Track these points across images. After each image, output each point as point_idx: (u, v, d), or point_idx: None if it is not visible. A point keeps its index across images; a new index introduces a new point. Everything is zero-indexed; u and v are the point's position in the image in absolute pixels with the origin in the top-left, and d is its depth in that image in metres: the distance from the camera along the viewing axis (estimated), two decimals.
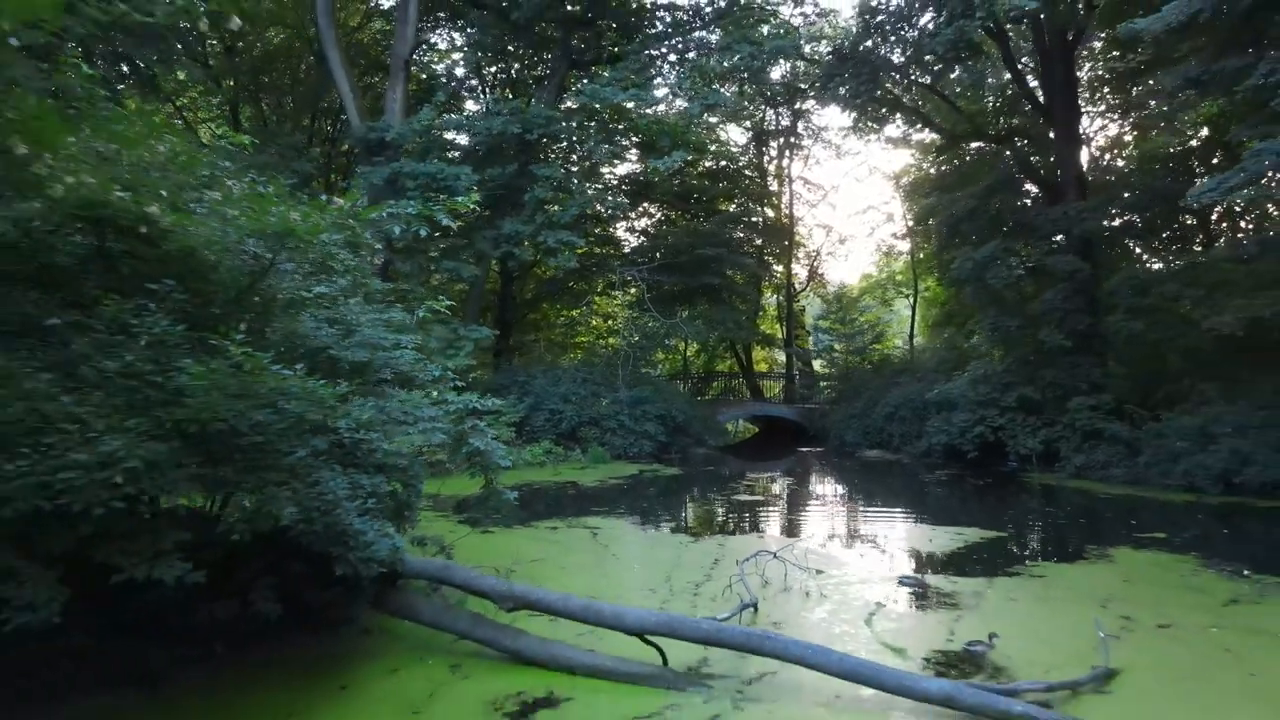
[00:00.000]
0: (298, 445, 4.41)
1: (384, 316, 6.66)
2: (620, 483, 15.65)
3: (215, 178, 4.42)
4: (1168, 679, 5.07)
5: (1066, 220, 16.30)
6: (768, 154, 34.69)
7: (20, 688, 4.24)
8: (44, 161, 3.02)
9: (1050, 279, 16.68)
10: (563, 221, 18.31)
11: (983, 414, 17.49)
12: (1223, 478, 12.95)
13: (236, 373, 3.74)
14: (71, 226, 4.13)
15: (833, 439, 23.91)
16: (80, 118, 3.53)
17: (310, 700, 4.78)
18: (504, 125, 18.03)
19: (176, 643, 4.87)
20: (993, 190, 19.44)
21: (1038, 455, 16.31)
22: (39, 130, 2.95)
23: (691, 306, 26.87)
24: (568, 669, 5.14)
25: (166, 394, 3.78)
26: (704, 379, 35.61)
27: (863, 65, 17.19)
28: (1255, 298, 12.75)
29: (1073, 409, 16.02)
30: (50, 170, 3.05)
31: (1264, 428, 12.77)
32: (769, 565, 7.71)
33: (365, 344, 5.73)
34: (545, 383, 20.27)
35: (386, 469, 5.57)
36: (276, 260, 4.63)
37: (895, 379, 23.26)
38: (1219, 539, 9.94)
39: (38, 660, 4.32)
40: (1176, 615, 6.41)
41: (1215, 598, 6.98)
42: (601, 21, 22.08)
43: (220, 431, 3.83)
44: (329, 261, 5.16)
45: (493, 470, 7.16)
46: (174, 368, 3.84)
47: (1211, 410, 13.95)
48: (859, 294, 36.40)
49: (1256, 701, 4.73)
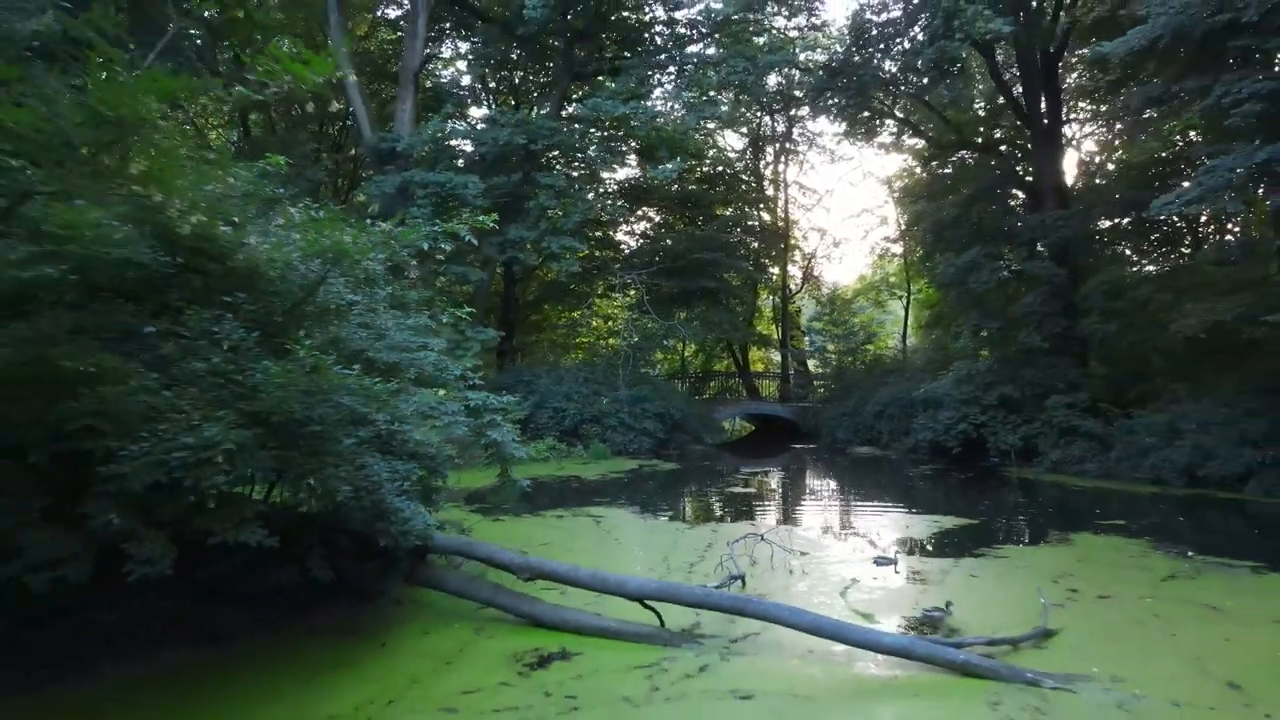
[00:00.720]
0: (348, 435, 5.14)
1: (408, 322, 7.42)
2: (621, 477, 16.38)
3: (279, 204, 5.14)
4: (1098, 638, 5.81)
5: (1044, 228, 17.07)
6: (764, 159, 35.45)
7: (119, 643, 4.98)
8: (176, 206, 3.73)
9: (1030, 283, 17.44)
10: (566, 228, 19.05)
11: (966, 412, 18.24)
12: (1186, 471, 13.70)
13: (307, 373, 4.46)
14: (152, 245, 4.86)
15: (825, 436, 24.67)
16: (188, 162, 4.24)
17: (356, 655, 5.51)
18: (510, 136, 18.76)
19: (244, 607, 5.61)
20: (976, 198, 20.20)
21: (1017, 451, 17.07)
22: (168, 178, 3.65)
23: (689, 308, 27.61)
24: (577, 630, 5.88)
25: (245, 390, 4.50)
26: (702, 378, 36.35)
27: (852, 80, 17.95)
28: (1217, 302, 13.49)
29: (1050, 407, 16.79)
30: (180, 213, 3.76)
31: (1225, 424, 13.51)
32: (757, 547, 8.44)
33: (395, 347, 6.47)
34: (549, 382, 21.01)
35: (418, 457, 6.30)
36: (329, 276, 5.35)
37: (885, 378, 24.03)
38: (1174, 526, 10.67)
39: (134, 620, 5.05)
40: (1117, 588, 7.16)
41: (1156, 574, 7.72)
42: (603, 35, 22.80)
43: (290, 421, 4.56)
44: (372, 275, 5.89)
45: (508, 460, 7.91)
46: (250, 367, 4.57)
47: (1179, 408, 14.71)
48: (853, 295, 37.24)
49: (1171, 656, 5.46)
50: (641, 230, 32.31)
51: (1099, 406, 16.33)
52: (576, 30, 22.58)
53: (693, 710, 4.58)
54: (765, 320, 37.85)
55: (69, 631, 4.96)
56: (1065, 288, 17.05)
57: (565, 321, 33.15)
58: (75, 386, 3.82)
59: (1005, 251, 18.27)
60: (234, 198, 4.91)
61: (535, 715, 4.49)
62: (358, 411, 5.16)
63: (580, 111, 19.86)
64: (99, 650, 4.99)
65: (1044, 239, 17.21)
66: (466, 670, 5.25)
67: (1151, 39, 11.51)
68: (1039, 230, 17.23)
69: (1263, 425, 12.94)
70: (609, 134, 22.27)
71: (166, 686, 4.82)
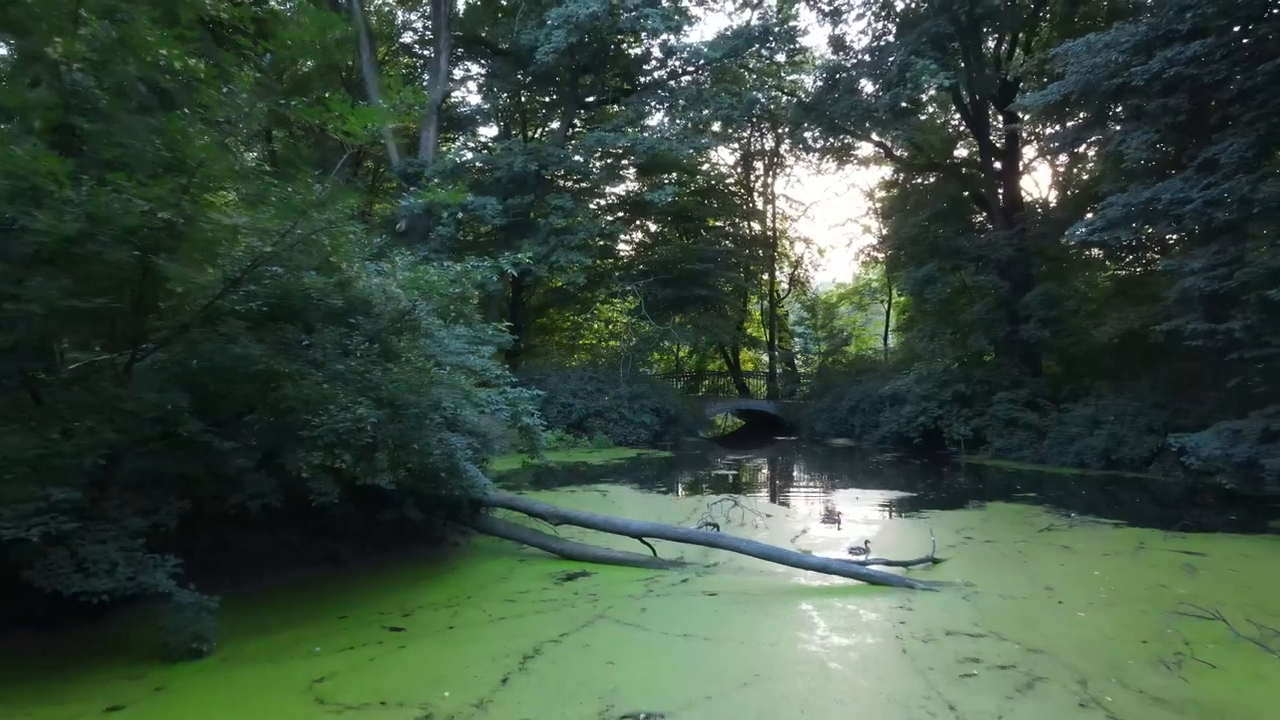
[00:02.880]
0: (434, 415, 7.17)
1: (459, 331, 9.45)
2: (622, 463, 18.42)
3: (385, 251, 7.17)
4: (970, 564, 7.85)
5: (991, 246, 19.15)
6: (754, 173, 37.51)
7: (255, 568, 6.97)
8: (345, 267, 5.73)
9: (979, 294, 19.51)
10: (572, 244, 21.08)
11: (926, 406, 20.31)
12: (1104, 455, 15.79)
13: (416, 371, 6.49)
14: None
15: (805, 429, 26.75)
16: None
17: (434, 573, 7.54)
18: (524, 164, 20.77)
19: (353, 541, 7.63)
20: (937, 216, 22.25)
21: (968, 440, 19.14)
22: (348, 252, 5.66)
23: (684, 313, 29.65)
24: (594, 559, 7.92)
25: (372, 384, 6.52)
26: (696, 377, 38.41)
27: (824, 114, 20.00)
28: (1129, 313, 15.56)
29: (996, 402, 18.86)
30: (352, 273, 5.75)
31: (1135, 416, 15.59)
32: (732, 510, 10.48)
33: (453, 351, 8.50)
34: (557, 380, 23.03)
35: (474, 434, 8.34)
36: (418, 305, 7.37)
37: (859, 377, 26.10)
38: (1074, 497, 12.72)
39: (283, 547, 7.07)
40: (1001, 536, 9.22)
41: (1037, 527, 9.79)
42: (605, 68, 24.82)
43: (403, 405, 6.58)
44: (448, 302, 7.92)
45: (536, 440, 9.95)
46: (372, 369, 6.59)
47: (1101, 403, 16.79)
48: (837, 300, 39.35)
49: (1016, 573, 7.48)
50: (639, 240, 34.35)
51: (1037, 401, 18.41)
52: (582, 65, 24.60)
53: (674, 602, 6.61)
54: (755, 323, 39.93)
55: (241, 554, 6.97)
56: (1009, 298, 19.13)
57: (569, 325, 35.22)
58: (277, 380, 5.85)
59: (961, 265, 20.34)
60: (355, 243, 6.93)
61: (569, 604, 6.52)
62: (442, 400, 7.21)
63: (586, 142, 21.87)
64: (262, 566, 7.00)
65: (991, 255, 19.29)
66: (517, 581, 7.29)
67: (1064, 94, 13.57)
68: (987, 248, 19.32)
69: (1165, 416, 15.01)
70: (610, 160, 24.31)
71: (306, 592, 6.83)
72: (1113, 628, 5.71)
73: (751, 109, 22.89)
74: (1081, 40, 12.94)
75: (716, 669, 4.92)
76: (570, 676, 4.79)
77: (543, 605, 6.49)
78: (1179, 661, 4.97)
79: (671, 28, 20.36)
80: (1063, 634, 5.57)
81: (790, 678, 4.77)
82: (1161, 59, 11.12)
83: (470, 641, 5.52)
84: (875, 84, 18.60)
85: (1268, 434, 10.98)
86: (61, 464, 4.43)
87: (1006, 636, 5.52)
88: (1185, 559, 7.87)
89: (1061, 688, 4.58)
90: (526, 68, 23.92)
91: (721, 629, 5.74)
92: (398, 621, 5.99)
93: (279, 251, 5.23)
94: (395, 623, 5.95)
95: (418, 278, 6.86)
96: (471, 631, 5.77)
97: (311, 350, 6.52)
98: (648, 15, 19.11)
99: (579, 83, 25.12)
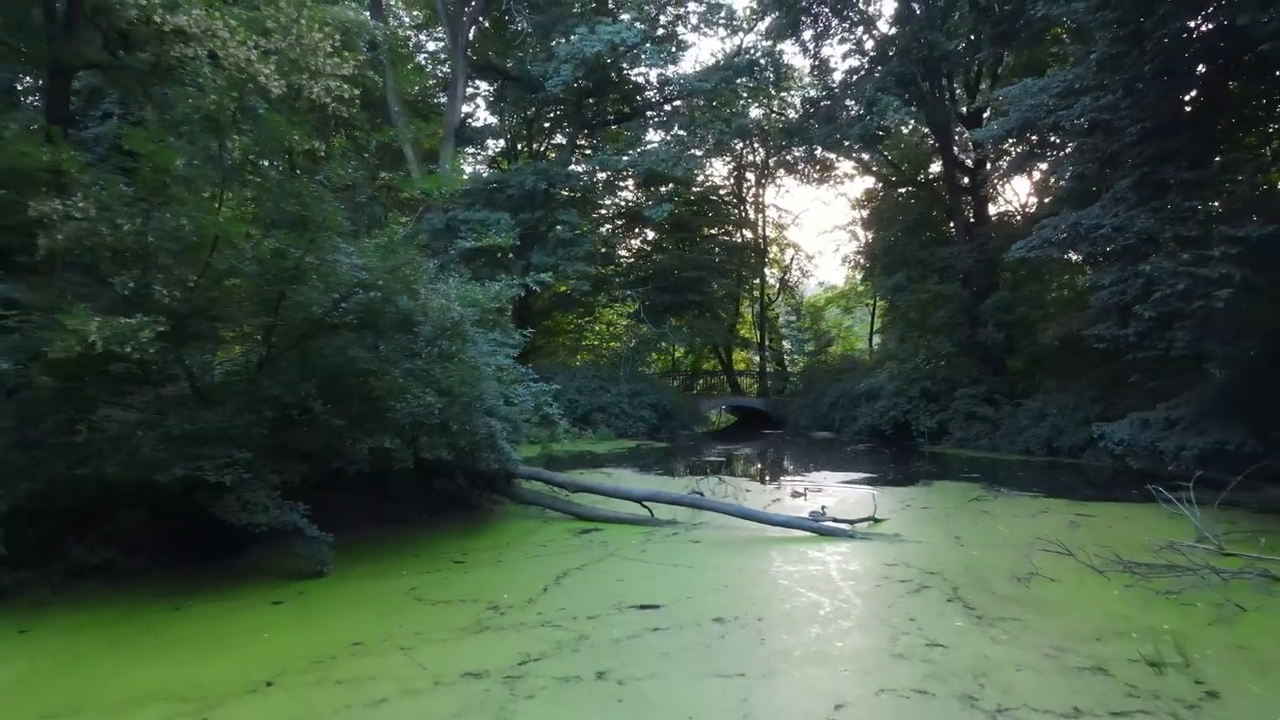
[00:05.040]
0: (479, 403, 8.95)
1: (490, 335, 11.21)
2: (623, 452, 20.20)
3: (443, 274, 8.94)
4: (904, 523, 9.62)
5: (953, 257, 20.96)
6: (746, 184, 39.31)
7: (342, 522, 8.72)
8: (419, 289, 7.50)
9: (943, 301, 21.32)
10: (578, 255, 22.86)
11: (896, 402, 22.11)
12: (1047, 444, 17.59)
13: (468, 369, 8.26)
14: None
15: (791, 424, 28.55)
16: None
17: (477, 530, 9.31)
18: (534, 183, 22.55)
19: (413, 504, 9.40)
20: (911, 228, 24.08)
21: (933, 432, 20.93)
22: (422, 281, 7.43)
23: (680, 317, 31.47)
24: (603, 519, 9.69)
25: (434, 378, 8.29)
26: (691, 376, 40.23)
27: (805, 139, 21.80)
28: (1070, 319, 17.35)
29: (958, 398, 20.66)
30: (422, 297, 7.53)
31: (1074, 409, 17.39)
32: (717, 486, 12.25)
33: (485, 352, 10.27)
34: (563, 378, 24.71)
35: (506, 420, 10.11)
36: (465, 316, 9.14)
37: (839, 376, 27.90)
38: (1013, 478, 14.50)
39: (352, 508, 8.83)
40: (937, 504, 11.01)
41: (967, 498, 11.58)
42: (607, 94, 26.60)
43: (457, 395, 8.35)
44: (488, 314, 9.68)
45: (555, 426, 11.72)
46: (433, 366, 8.35)
47: (1047, 398, 18.59)
48: (825, 303, 41.19)
49: (938, 528, 9.25)
50: (638, 247, 36.18)
51: (994, 397, 20.21)
52: (585, 90, 26.37)
53: (667, 545, 8.37)
54: (747, 325, 41.75)
55: (332, 511, 8.72)
56: (970, 305, 20.94)
57: (573, 327, 37.01)
58: (366, 375, 7.61)
59: (927, 275, 22.15)
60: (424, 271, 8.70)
61: (586, 548, 8.28)
62: (485, 392, 8.99)
63: (590, 164, 23.65)
64: (347, 521, 8.74)
65: (955, 266, 21.10)
66: (544, 535, 9.06)
67: (1007, 130, 15.36)
68: (950, 259, 21.13)
69: (1098, 409, 16.79)
70: (611, 174, 26.09)
71: (383, 540, 8.58)
72: (993, 560, 7.50)
73: (741, 132, 24.65)
74: (1020, 85, 14.74)
75: (696, 582, 6.70)
76: (591, 587, 6.58)
77: (566, 548, 8.27)
78: (1029, 578, 6.76)
79: (666, 60, 22.14)
80: (954, 563, 7.36)
81: (750, 587, 6.55)
82: (1081, 105, 12.90)
83: (516, 570, 7.31)
84: (849, 114, 20.41)
85: (1168, 422, 12.75)
86: (237, 434, 6.20)
87: (912, 565, 7.31)
88: (1074, 518, 9.66)
89: (939, 592, 6.37)
90: (535, 94, 25.71)
91: (702, 561, 7.54)
92: (458, 558, 7.77)
93: (376, 280, 7.00)
94: (457, 558, 7.74)
95: (467, 294, 8.63)
96: (515, 564, 7.56)
97: (386, 352, 8.30)
98: (645, 51, 20.88)
99: (583, 104, 26.90)
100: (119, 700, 4.24)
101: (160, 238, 5.74)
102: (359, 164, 9.36)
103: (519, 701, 4.18)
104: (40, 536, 6.30)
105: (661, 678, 4.53)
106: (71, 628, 5.48)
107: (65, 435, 6.44)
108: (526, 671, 4.61)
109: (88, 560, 6.49)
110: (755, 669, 4.66)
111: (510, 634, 5.33)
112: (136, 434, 5.95)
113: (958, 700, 4.19)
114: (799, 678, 4.52)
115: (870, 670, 4.63)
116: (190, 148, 6.35)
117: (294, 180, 6.85)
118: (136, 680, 4.53)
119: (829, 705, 4.13)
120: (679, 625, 5.50)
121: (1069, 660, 4.75)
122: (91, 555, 6.51)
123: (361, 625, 5.52)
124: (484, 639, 5.24)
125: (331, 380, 7.41)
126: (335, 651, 4.96)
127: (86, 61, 8.32)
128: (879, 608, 5.95)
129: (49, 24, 8.20)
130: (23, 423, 6.26)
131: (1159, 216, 10.77)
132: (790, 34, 21.43)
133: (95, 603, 6.03)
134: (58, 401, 6.41)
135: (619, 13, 25.61)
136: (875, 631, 5.38)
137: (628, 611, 5.85)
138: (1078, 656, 4.82)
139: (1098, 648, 4.98)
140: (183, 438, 5.86)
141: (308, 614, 5.86)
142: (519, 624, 5.55)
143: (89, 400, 6.52)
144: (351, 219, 7.84)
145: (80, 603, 6.02)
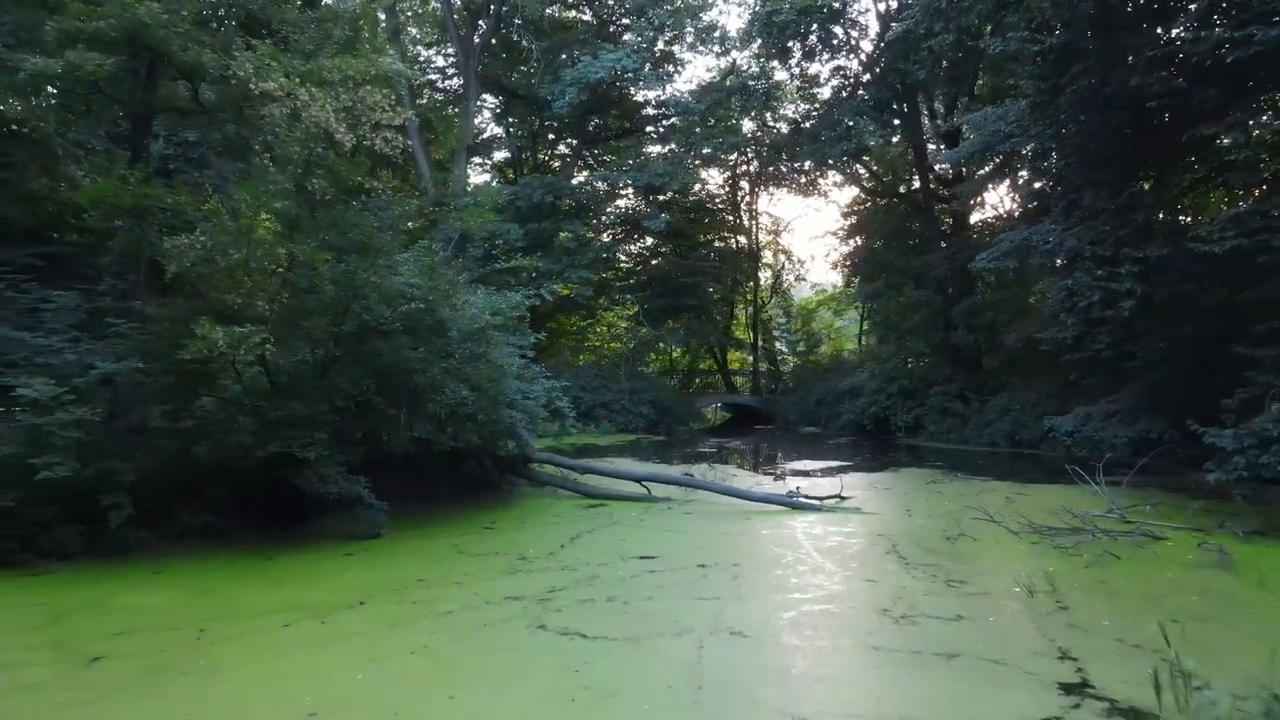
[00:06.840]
0: (502, 397, 10.33)
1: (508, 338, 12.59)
2: (624, 444, 21.58)
3: (473, 285, 10.31)
4: (866, 501, 10.96)
5: (926, 265, 22.37)
6: (740, 191, 40.68)
7: (386, 499, 10.10)
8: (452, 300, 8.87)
9: (918, 306, 22.72)
10: (582, 263, 24.24)
11: (876, 399, 23.49)
12: (1010, 437, 18.98)
13: (494, 367, 9.64)
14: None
15: (781, 420, 29.93)
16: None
17: (499, 506, 10.69)
18: (541, 196, 23.93)
19: (443, 485, 10.77)
20: (891, 237, 25.47)
21: (909, 426, 22.32)
22: (457, 295, 8.80)
23: (677, 319, 32.83)
24: (608, 497, 11.08)
25: (465, 376, 9.66)
26: (688, 375, 41.60)
27: (792, 154, 23.20)
28: (1029, 323, 18.74)
29: (932, 395, 22.03)
30: (459, 307, 8.89)
31: (1035, 405, 18.78)
32: (707, 472, 13.65)
33: (505, 353, 11.65)
34: (567, 377, 26.09)
35: (525, 412, 11.49)
36: (490, 321, 10.51)
37: (826, 375, 29.29)
38: (974, 466, 15.87)
39: (392, 489, 10.20)
40: (899, 486, 12.40)
41: (926, 481, 12.97)
42: (609, 112, 27.98)
43: (485, 389, 9.73)
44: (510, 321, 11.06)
45: (566, 418, 13.10)
46: (465, 364, 9.72)
47: (1013, 394, 19.98)
48: (815, 306, 42.58)
49: (893, 502, 10.63)
50: (636, 253, 37.54)
51: (965, 394, 21.60)
52: (588, 108, 27.72)
53: (663, 516, 9.75)
54: (741, 326, 43.13)
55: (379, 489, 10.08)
56: (943, 309, 22.34)
57: (575, 329, 38.39)
58: (411, 372, 8.98)
59: (904, 282, 23.55)
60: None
61: (594, 518, 9.66)
62: (507, 387, 10.37)
63: (593, 179, 25.04)
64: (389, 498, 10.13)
65: (929, 273, 22.51)
66: (558, 509, 10.45)
67: (970, 153, 16.77)
68: (924, 266, 22.54)
69: (1054, 405, 18.17)
70: (612, 187, 27.48)
71: (421, 514, 9.94)
72: (931, 525, 8.89)
73: (735, 146, 26.05)
74: (981, 113, 16.14)
75: (686, 541, 8.09)
76: (600, 544, 7.96)
77: (578, 518, 9.66)
78: (956, 538, 8.15)
79: (663, 82, 23.53)
80: (899, 529, 8.74)
81: (729, 544, 7.95)
82: (1025, 136, 14.31)
83: (537, 533, 8.70)
84: (831, 133, 21.82)
85: (1107, 415, 14.14)
86: (316, 419, 7.58)
87: (865, 530, 8.70)
88: (1011, 497, 11.05)
89: (880, 548, 7.76)
90: (541, 113, 27.08)
91: (692, 527, 8.93)
92: (488, 525, 9.16)
93: (425, 295, 8.39)
94: (487, 525, 9.13)
95: (493, 304, 10.02)
96: (536, 529, 8.95)
97: (425, 353, 9.68)
98: (644, 77, 22.28)
99: (585, 120, 28.25)
100: (253, 611, 5.62)
101: (258, 263, 7.11)
102: (410, 201, 10.72)
103: (550, 614, 5.56)
104: (156, 505, 7.67)
105: (657, 600, 5.92)
106: (194, 570, 6.87)
107: (173, 421, 7.82)
108: (554, 596, 6.00)
109: (191, 523, 7.86)
110: (728, 595, 6.05)
111: (538, 574, 6.72)
112: (238, 419, 7.32)
113: (875, 612, 5.57)
114: (761, 601, 5.91)
115: (817, 597, 6.01)
116: (276, 188, 7.72)
117: (360, 214, 8.23)
118: (261, 600, 5.91)
119: (781, 615, 5.52)
120: (671, 568, 6.89)
121: (965, 589, 6.15)
122: (195, 519, 7.87)
123: (421, 568, 6.91)
124: (518, 578, 6.62)
125: (384, 377, 8.79)
126: (405, 584, 6.35)
127: (171, 106, 9.70)
128: (831, 557, 7.34)
129: (132, 76, 9.55)
130: (141, 411, 7.63)
131: (1080, 238, 12.18)
132: (776, 56, 22.82)
133: (203, 555, 7.41)
134: (166, 394, 7.79)
135: (621, 35, 27.00)
136: (825, 573, 6.77)
137: (630, 560, 7.24)
138: (972, 586, 6.21)
139: (990, 580, 6.38)
140: (277, 422, 7.23)
141: (376, 561, 7.25)
142: (544, 568, 6.94)
143: (191, 392, 7.89)
144: (395, 239, 9.23)
145: (192, 555, 7.41)
